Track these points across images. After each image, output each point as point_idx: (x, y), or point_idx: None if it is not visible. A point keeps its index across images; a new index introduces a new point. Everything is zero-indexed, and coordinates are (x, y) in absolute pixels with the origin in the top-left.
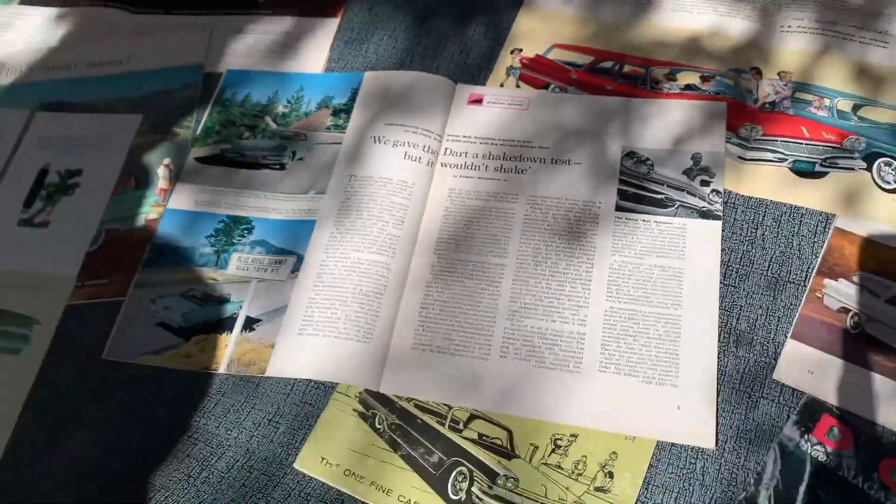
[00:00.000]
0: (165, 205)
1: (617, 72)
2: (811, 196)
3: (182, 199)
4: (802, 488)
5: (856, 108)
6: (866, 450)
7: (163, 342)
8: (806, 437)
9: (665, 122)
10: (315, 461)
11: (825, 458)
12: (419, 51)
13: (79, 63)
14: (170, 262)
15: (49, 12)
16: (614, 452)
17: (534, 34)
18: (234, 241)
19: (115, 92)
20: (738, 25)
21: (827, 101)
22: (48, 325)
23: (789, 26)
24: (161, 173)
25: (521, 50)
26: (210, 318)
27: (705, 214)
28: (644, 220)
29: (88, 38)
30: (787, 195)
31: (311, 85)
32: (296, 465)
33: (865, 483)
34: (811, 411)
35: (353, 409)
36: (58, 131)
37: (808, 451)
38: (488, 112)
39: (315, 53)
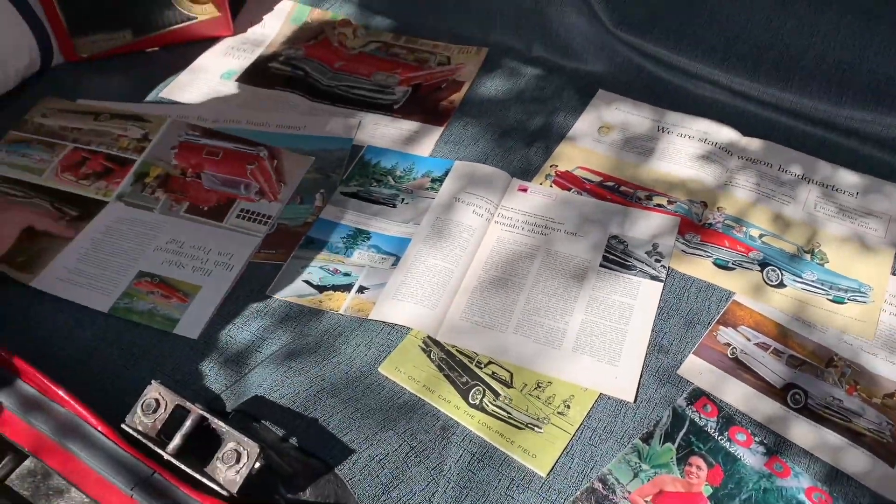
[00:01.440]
0: (318, 216)
1: (616, 189)
2: (722, 280)
3: (329, 215)
4: (681, 433)
5: (761, 235)
6: (723, 419)
7: (305, 291)
8: (690, 407)
9: (640, 223)
10: (392, 369)
11: (698, 420)
12: (492, 154)
13: (271, 123)
14: (316, 248)
15: (256, 90)
16: (572, 395)
17: (567, 157)
18: (358, 243)
19: (294, 144)
20: (699, 176)
21: (744, 229)
22: (239, 267)
23: (732, 183)
24: (318, 198)
25: (557, 165)
26: (337, 283)
27: (654, 278)
28: (616, 275)
29: (279, 109)
30: (708, 277)
31: (419, 163)
32: (379, 369)
33: (720, 437)
34: (695, 394)
35: (418, 345)
36: None
37: (689, 415)
38: (530, 198)
39: (425, 144)
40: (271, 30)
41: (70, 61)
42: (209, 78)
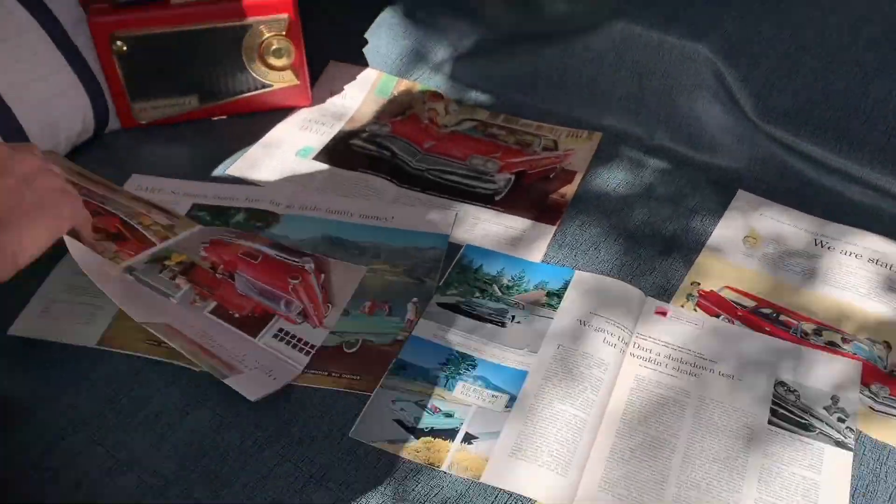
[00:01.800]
0: (411, 332)
1: (774, 318)
2: None
3: (424, 330)
4: None
5: None
6: None
7: (397, 436)
8: None
9: (816, 368)
10: None
11: None
12: (617, 264)
13: (354, 212)
14: (409, 376)
15: (336, 171)
16: None
17: (711, 273)
18: (461, 371)
19: (380, 238)
20: (877, 307)
21: None
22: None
23: None
24: (410, 308)
25: (699, 283)
26: (436, 426)
27: (840, 444)
28: (790, 436)
29: (362, 195)
30: None
31: (531, 270)
32: None
33: None
34: None
35: None
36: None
37: None
38: (671, 324)
39: (536, 247)
40: (354, 101)
41: (126, 128)
42: (283, 154)
